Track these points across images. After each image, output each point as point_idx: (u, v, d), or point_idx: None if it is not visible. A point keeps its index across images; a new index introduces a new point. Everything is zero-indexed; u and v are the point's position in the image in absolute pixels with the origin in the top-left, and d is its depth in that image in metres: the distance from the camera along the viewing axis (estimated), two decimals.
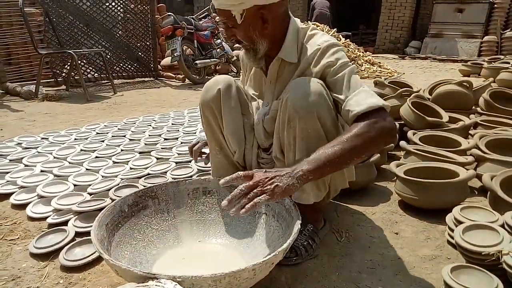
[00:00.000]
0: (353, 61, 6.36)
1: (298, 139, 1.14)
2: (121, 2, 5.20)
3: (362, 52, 6.99)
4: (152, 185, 1.32)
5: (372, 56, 7.17)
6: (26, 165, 2.02)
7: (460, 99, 2.56)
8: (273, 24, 1.20)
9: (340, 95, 1.14)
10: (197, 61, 5.24)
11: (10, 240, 1.38)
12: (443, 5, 9.33)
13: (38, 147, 2.31)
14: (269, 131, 1.32)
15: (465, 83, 2.60)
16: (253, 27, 1.18)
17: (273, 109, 1.28)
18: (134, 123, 2.95)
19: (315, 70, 1.19)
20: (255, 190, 0.95)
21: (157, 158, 2.11)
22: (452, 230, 1.31)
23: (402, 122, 2.31)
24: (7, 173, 1.89)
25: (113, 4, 5.12)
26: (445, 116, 2.32)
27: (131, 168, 1.97)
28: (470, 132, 2.23)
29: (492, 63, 5.13)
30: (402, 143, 1.95)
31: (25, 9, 3.93)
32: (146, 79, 5.58)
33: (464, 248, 1.15)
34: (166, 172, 1.92)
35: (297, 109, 1.12)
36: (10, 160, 2.09)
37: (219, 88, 1.33)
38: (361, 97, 1.09)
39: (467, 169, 1.63)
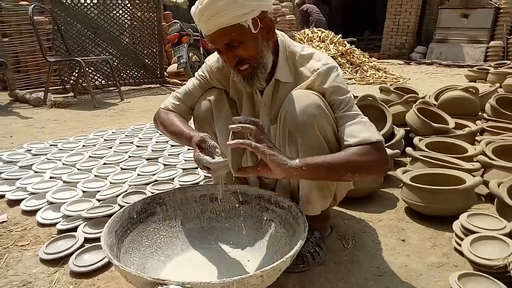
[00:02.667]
0: (358, 67, 6.37)
1: (301, 152, 1.13)
2: (128, 10, 5.27)
3: (368, 57, 6.99)
4: (160, 191, 1.33)
5: (378, 62, 7.17)
6: (35, 172, 2.05)
7: (466, 105, 2.56)
8: (273, 35, 1.16)
9: (339, 120, 1.14)
10: None
11: (20, 246, 1.40)
12: (448, 10, 9.30)
13: (47, 153, 2.34)
14: None
15: (471, 89, 2.60)
16: (262, 37, 1.10)
17: (274, 134, 1.25)
18: (141, 129, 2.97)
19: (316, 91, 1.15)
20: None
21: (164, 165, 2.13)
22: (459, 237, 1.31)
23: (408, 128, 2.32)
24: (17, 179, 1.92)
25: (120, 12, 5.18)
26: (451, 122, 2.31)
27: (138, 175, 2.00)
28: (477, 138, 2.22)
29: (499, 68, 5.11)
30: (408, 149, 1.95)
31: (34, 18, 4.00)
32: (153, 85, 5.63)
33: (473, 261, 1.15)
34: (173, 179, 1.94)
35: (297, 123, 1.10)
36: (20, 167, 2.12)
37: (209, 99, 1.31)
38: (356, 128, 1.10)
39: (473, 176, 1.62)
